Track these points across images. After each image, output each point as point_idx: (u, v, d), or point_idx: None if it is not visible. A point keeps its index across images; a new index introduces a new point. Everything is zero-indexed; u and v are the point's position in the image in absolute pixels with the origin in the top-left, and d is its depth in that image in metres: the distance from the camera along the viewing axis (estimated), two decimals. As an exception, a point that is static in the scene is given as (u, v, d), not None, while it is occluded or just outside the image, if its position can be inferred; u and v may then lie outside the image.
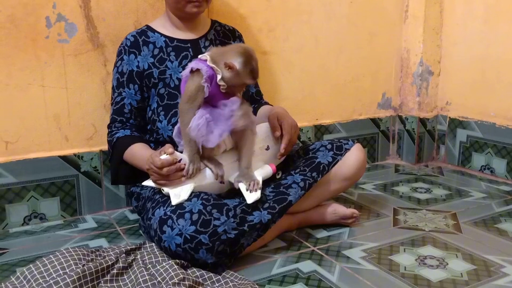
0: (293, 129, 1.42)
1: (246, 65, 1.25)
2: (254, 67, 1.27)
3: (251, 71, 1.26)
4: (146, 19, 1.64)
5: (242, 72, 1.25)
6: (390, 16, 2.24)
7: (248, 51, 1.27)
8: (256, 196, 1.28)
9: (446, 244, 1.44)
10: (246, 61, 1.25)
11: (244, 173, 1.31)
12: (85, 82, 1.62)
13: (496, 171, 2.09)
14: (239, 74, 1.25)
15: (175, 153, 1.26)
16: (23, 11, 1.49)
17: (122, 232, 1.54)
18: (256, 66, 1.27)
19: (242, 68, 1.25)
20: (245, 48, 1.29)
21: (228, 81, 1.26)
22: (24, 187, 1.57)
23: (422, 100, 2.27)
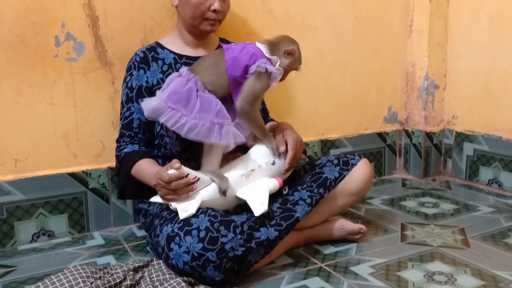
0: (298, 145, 1.43)
1: (299, 50, 1.43)
2: (301, 55, 1.44)
3: (300, 57, 1.44)
4: (153, 37, 1.66)
5: (298, 57, 1.42)
6: (395, 30, 2.25)
7: (293, 39, 1.44)
8: (264, 209, 1.28)
9: (454, 259, 1.43)
10: (299, 47, 1.43)
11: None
12: (94, 99, 1.64)
13: (504, 185, 2.08)
14: (296, 60, 1.42)
15: (182, 168, 1.26)
16: (33, 30, 1.52)
17: (129, 249, 1.55)
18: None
19: (299, 53, 1.42)
20: (293, 38, 1.44)
21: (286, 67, 1.39)
22: (32, 204, 1.58)
23: (428, 114, 2.27)
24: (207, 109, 1.30)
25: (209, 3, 1.45)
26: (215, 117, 1.30)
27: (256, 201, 1.30)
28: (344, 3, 2.08)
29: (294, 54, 1.39)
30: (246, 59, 1.34)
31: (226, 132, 1.31)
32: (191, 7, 1.46)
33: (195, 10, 1.46)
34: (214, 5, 1.45)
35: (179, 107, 1.29)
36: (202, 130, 1.28)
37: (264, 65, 1.33)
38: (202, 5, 1.45)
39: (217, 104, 1.32)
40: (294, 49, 1.39)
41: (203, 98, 1.31)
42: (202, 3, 1.45)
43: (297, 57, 1.42)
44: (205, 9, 1.46)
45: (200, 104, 1.30)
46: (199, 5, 1.45)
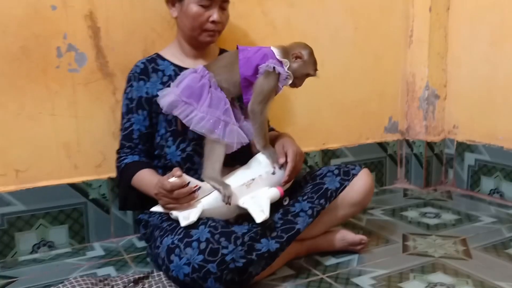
0: (298, 157, 1.43)
1: (311, 55, 1.43)
2: (315, 60, 1.44)
3: (314, 62, 1.44)
4: (154, 49, 1.67)
5: (308, 61, 1.42)
6: (395, 40, 2.26)
7: (307, 45, 1.45)
8: (265, 216, 1.28)
9: (456, 270, 1.42)
10: (311, 52, 1.43)
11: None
12: (95, 110, 1.64)
13: (506, 195, 2.07)
14: (306, 64, 1.41)
15: (184, 176, 1.26)
16: (35, 42, 1.53)
17: (130, 260, 1.54)
18: (316, 59, 1.45)
19: (308, 57, 1.42)
20: (307, 44, 1.45)
21: (294, 71, 1.40)
22: (33, 215, 1.58)
23: (429, 124, 2.27)
24: (216, 106, 1.35)
25: (208, 14, 1.46)
26: (222, 115, 1.34)
27: (257, 208, 1.30)
28: (344, 14, 2.10)
29: (302, 57, 1.41)
30: (258, 59, 1.37)
31: (230, 130, 1.34)
32: (189, 18, 1.47)
33: (194, 22, 1.46)
34: (213, 16, 1.46)
35: (192, 101, 1.34)
36: (208, 125, 1.32)
37: (272, 65, 1.36)
38: (201, 17, 1.46)
39: (226, 104, 1.36)
40: (302, 52, 1.40)
41: (214, 95, 1.36)
42: (200, 15, 1.45)
43: (306, 61, 1.42)
44: (204, 20, 1.46)
45: (210, 100, 1.35)
46: (197, 16, 1.45)
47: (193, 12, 1.45)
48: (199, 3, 1.44)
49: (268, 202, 1.32)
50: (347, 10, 2.10)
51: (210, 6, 1.45)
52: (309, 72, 1.44)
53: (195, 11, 1.45)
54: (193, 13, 1.45)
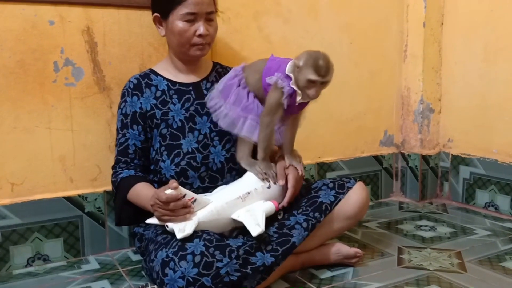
0: (298, 184, 1.47)
1: (308, 60, 1.35)
2: (319, 64, 1.34)
3: (314, 65, 1.34)
4: (151, 63, 1.68)
5: (304, 67, 1.34)
6: (390, 55, 2.29)
7: (314, 51, 1.38)
8: (261, 229, 1.28)
9: (451, 283, 1.42)
10: (308, 57, 1.35)
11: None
12: (91, 124, 1.65)
13: (501, 208, 2.08)
14: (302, 70, 1.35)
15: (180, 188, 1.27)
16: (32, 57, 1.55)
17: (125, 273, 1.54)
18: (323, 63, 1.35)
19: (304, 63, 1.34)
20: (313, 50, 1.40)
21: (297, 81, 1.36)
22: (28, 229, 1.58)
23: (424, 138, 2.28)
24: (238, 103, 1.43)
25: (193, 29, 1.46)
26: (241, 111, 1.42)
27: (253, 222, 1.30)
28: (339, 29, 2.12)
29: (298, 65, 1.35)
30: (274, 71, 1.40)
31: (249, 125, 1.41)
32: (176, 35, 1.48)
33: (181, 38, 1.47)
34: (200, 30, 1.46)
35: (222, 98, 1.45)
36: (229, 121, 1.42)
37: (275, 78, 1.38)
38: (187, 32, 1.46)
39: (248, 100, 1.43)
40: (298, 59, 1.35)
41: (239, 93, 1.43)
42: (186, 30, 1.46)
43: (302, 67, 1.34)
44: (191, 35, 1.47)
45: (235, 97, 1.43)
46: (183, 32, 1.46)
47: (179, 28, 1.46)
48: (183, 18, 1.45)
49: (263, 215, 1.33)
50: (342, 26, 2.13)
51: (195, 20, 1.45)
52: (308, 77, 1.34)
53: (180, 27, 1.46)
54: (179, 29, 1.46)
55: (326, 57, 1.37)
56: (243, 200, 1.36)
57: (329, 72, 1.36)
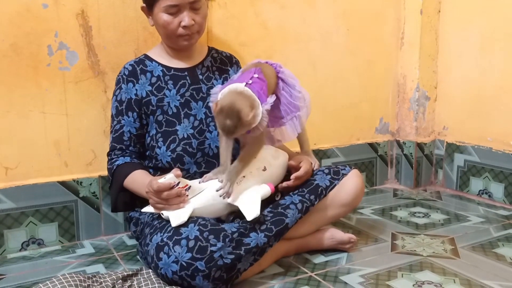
0: (306, 175, 1.50)
1: (217, 116, 1.26)
2: (225, 125, 1.25)
3: (220, 126, 1.26)
4: (147, 47, 1.67)
5: (215, 118, 1.28)
6: (387, 43, 2.28)
7: (228, 101, 1.25)
8: (256, 213, 1.28)
9: (444, 269, 1.43)
10: (216, 115, 1.26)
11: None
12: (85, 108, 1.64)
13: (494, 195, 2.09)
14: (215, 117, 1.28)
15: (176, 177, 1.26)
16: (26, 40, 1.53)
17: (119, 257, 1.54)
18: (227, 123, 1.24)
19: (215, 114, 1.27)
20: (227, 99, 1.27)
21: None
22: (23, 213, 1.58)
23: (419, 125, 2.29)
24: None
25: (178, 20, 1.44)
26: None
27: (248, 206, 1.30)
28: (336, 16, 2.11)
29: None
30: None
31: None
32: (161, 27, 1.46)
33: (166, 30, 1.46)
34: (184, 21, 1.43)
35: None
36: None
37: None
38: (171, 24, 1.44)
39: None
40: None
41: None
42: (170, 22, 1.44)
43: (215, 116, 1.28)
44: (175, 27, 1.44)
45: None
46: (167, 24, 1.44)
47: (163, 21, 1.44)
48: (166, 11, 1.42)
49: (259, 199, 1.33)
50: (339, 13, 2.12)
51: (179, 11, 1.43)
52: (220, 131, 1.31)
53: (164, 20, 1.44)
54: (163, 21, 1.44)
55: (232, 118, 1.23)
56: (238, 184, 1.36)
57: (235, 132, 1.26)
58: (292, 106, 1.47)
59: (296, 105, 1.47)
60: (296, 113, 1.48)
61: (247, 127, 1.28)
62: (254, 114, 1.25)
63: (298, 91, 1.48)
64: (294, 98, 1.47)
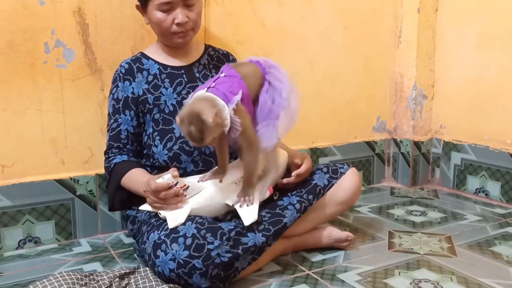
0: (306, 172, 1.49)
1: (182, 129, 1.20)
2: (187, 133, 1.18)
3: (187, 136, 1.19)
4: (144, 45, 1.67)
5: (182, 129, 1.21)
6: (384, 41, 2.28)
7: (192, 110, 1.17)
8: (253, 218, 1.28)
9: (441, 267, 1.44)
10: (181, 126, 1.19)
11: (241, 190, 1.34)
12: (82, 106, 1.64)
13: (491, 194, 2.10)
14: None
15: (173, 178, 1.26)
16: (22, 37, 1.52)
17: (116, 256, 1.54)
18: (193, 132, 1.17)
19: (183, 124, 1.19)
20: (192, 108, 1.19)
21: None
22: (19, 211, 1.57)
23: (416, 124, 2.29)
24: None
25: (171, 17, 1.43)
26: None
27: (246, 210, 1.30)
28: (334, 14, 2.11)
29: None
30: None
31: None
32: (155, 25, 1.46)
33: (160, 28, 1.45)
34: (178, 18, 1.42)
35: None
36: None
37: None
38: (164, 22, 1.43)
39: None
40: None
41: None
42: (163, 20, 1.43)
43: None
44: (169, 24, 1.44)
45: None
46: (161, 22, 1.44)
47: (156, 18, 1.44)
48: (159, 8, 1.42)
49: (257, 204, 1.33)
50: (337, 11, 2.11)
51: (172, 9, 1.42)
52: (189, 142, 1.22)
53: (158, 18, 1.43)
54: (157, 19, 1.44)
55: (195, 124, 1.16)
56: (237, 185, 1.36)
57: (203, 139, 1.17)
58: (271, 112, 1.32)
59: (275, 113, 1.31)
60: (274, 121, 1.31)
61: (216, 130, 1.19)
62: (217, 114, 1.17)
63: (284, 98, 1.32)
64: (276, 105, 1.31)
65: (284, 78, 1.35)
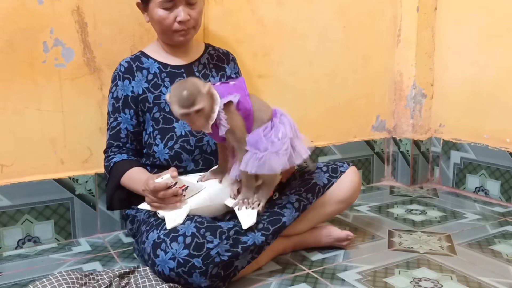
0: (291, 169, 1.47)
1: (173, 96, 1.20)
2: (179, 95, 1.18)
3: (178, 100, 1.19)
4: (143, 44, 1.66)
5: (170, 103, 1.22)
6: (383, 40, 2.28)
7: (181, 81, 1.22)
8: (252, 221, 1.28)
9: (440, 266, 1.44)
10: (172, 93, 1.20)
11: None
12: (81, 105, 1.63)
13: (490, 192, 2.10)
14: (170, 105, 1.22)
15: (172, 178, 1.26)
16: (21, 36, 1.52)
17: (116, 255, 1.54)
18: (184, 94, 1.17)
19: (170, 99, 1.21)
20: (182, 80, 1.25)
21: None
22: (18, 210, 1.56)
23: (416, 123, 2.29)
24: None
25: (173, 15, 1.43)
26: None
27: (245, 213, 1.30)
28: (333, 13, 2.11)
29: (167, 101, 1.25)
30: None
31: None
32: (157, 23, 1.46)
33: (162, 26, 1.45)
34: (180, 16, 1.43)
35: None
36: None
37: None
38: (166, 19, 1.44)
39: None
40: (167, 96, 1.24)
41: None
42: (165, 18, 1.44)
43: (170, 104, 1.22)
44: (171, 22, 1.44)
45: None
46: (163, 20, 1.44)
47: (158, 16, 1.44)
48: (161, 6, 1.42)
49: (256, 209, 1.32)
50: (336, 10, 2.11)
51: (174, 6, 1.43)
52: (177, 113, 1.21)
53: (159, 15, 1.43)
54: (158, 17, 1.44)
55: (189, 87, 1.19)
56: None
57: (195, 101, 1.18)
58: (259, 143, 1.27)
59: (262, 144, 1.27)
60: (258, 152, 1.26)
61: (207, 103, 1.20)
62: (210, 90, 1.20)
63: (278, 137, 1.29)
64: (267, 138, 1.28)
65: (288, 125, 1.33)
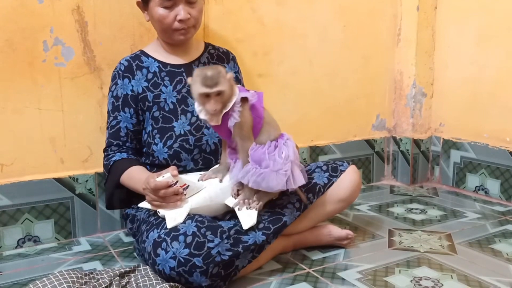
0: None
1: (196, 76, 1.24)
2: (206, 75, 1.22)
3: (201, 78, 1.22)
4: (143, 43, 1.66)
5: (193, 84, 1.25)
6: (383, 39, 2.28)
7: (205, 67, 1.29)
8: (252, 222, 1.28)
9: (441, 265, 1.44)
10: (197, 73, 1.24)
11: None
12: (81, 104, 1.63)
13: (490, 191, 2.10)
14: (192, 87, 1.26)
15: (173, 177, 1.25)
16: (21, 36, 1.52)
17: (116, 254, 1.54)
18: (210, 73, 1.22)
19: (193, 80, 1.25)
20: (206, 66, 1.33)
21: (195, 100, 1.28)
22: (18, 210, 1.56)
23: (416, 122, 2.29)
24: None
25: (173, 14, 1.43)
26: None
27: (246, 214, 1.30)
28: (333, 12, 2.11)
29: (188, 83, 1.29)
30: None
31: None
32: (157, 22, 1.46)
33: (162, 24, 1.45)
34: (180, 15, 1.43)
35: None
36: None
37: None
38: (166, 18, 1.44)
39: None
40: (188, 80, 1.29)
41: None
42: (166, 16, 1.43)
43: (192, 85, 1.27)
44: (171, 21, 1.44)
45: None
46: (163, 18, 1.44)
47: (158, 15, 1.44)
48: (162, 5, 1.42)
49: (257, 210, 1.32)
50: (336, 9, 2.11)
51: (174, 5, 1.43)
52: (198, 91, 1.23)
53: (160, 14, 1.43)
54: (158, 16, 1.44)
55: (214, 69, 1.24)
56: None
57: (218, 82, 1.22)
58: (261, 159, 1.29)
59: (265, 161, 1.28)
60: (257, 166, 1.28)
61: (228, 89, 1.24)
62: (231, 78, 1.26)
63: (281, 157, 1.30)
64: (270, 156, 1.29)
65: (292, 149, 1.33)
